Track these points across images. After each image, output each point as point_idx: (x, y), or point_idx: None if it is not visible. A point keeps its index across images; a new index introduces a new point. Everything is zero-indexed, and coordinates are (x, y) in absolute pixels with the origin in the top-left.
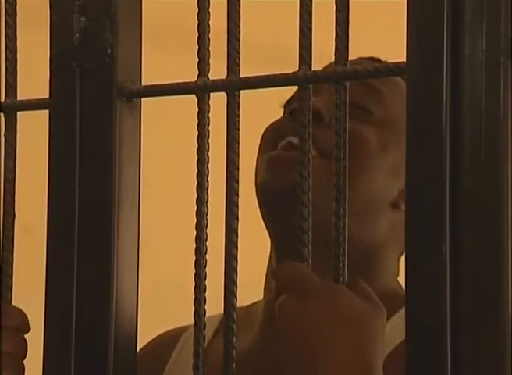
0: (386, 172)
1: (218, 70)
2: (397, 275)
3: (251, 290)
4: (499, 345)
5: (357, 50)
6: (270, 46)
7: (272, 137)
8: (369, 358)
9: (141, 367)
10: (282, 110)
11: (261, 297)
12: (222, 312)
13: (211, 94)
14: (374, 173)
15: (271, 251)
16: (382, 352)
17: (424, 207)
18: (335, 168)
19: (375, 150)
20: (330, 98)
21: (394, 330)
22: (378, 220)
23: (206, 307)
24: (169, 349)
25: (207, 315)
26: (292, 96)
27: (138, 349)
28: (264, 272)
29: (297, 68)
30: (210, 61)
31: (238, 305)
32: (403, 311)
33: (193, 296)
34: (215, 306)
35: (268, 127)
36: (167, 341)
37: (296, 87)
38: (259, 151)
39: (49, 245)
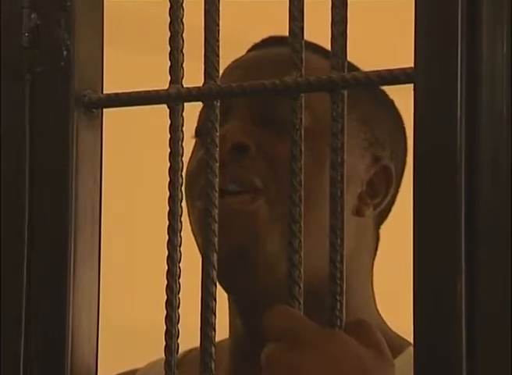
0: None
1: (193, 76)
2: (374, 298)
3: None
4: None
5: (356, 53)
6: None
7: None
8: None
9: None
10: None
11: None
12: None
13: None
14: (320, 194)
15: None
16: None
17: (435, 239)
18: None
19: (313, 169)
20: (244, 121)
21: None
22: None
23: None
24: None
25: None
26: (198, 124)
27: None
28: None
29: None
30: (184, 65)
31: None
32: (405, 354)
33: (164, 342)
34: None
35: (189, 171)
36: None
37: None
38: (187, 199)
39: None
